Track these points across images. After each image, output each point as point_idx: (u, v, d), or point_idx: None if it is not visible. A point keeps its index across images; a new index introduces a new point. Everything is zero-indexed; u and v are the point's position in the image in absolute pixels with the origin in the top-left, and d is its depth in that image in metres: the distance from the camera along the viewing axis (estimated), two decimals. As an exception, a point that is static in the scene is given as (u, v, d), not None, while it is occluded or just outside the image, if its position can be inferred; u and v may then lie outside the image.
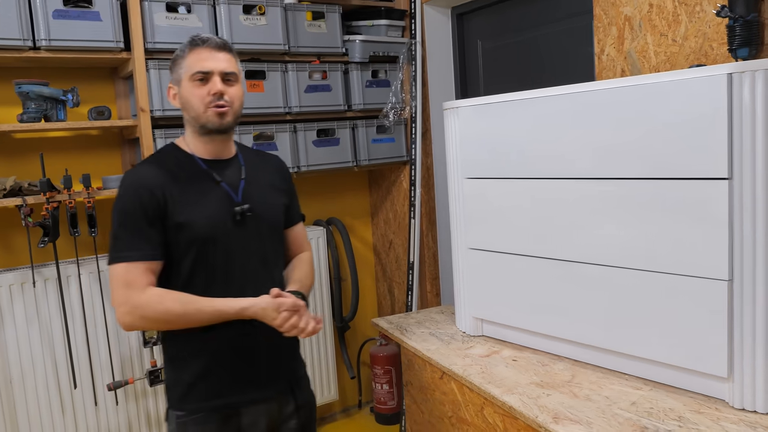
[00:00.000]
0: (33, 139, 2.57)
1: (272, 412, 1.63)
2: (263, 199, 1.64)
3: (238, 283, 1.57)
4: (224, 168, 1.61)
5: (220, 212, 1.55)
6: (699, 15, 1.77)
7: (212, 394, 1.57)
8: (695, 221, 1.30)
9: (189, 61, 1.54)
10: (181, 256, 1.54)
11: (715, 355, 1.30)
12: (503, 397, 1.44)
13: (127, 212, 1.50)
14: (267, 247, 1.63)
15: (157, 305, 1.47)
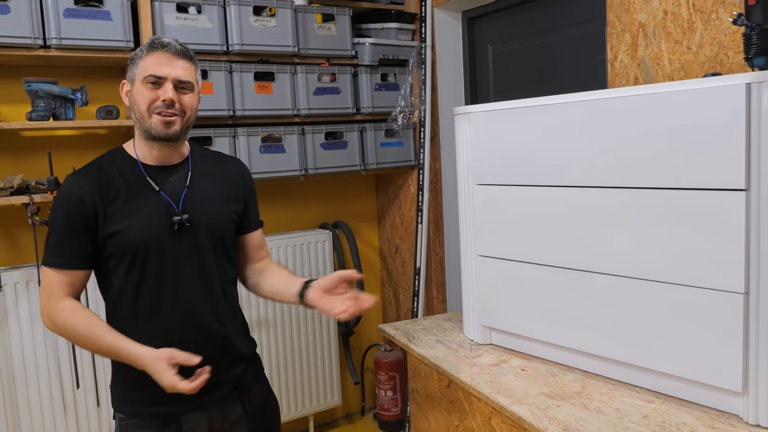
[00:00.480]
0: (41, 138, 2.57)
1: (214, 419, 1.59)
2: (208, 207, 1.58)
3: (173, 296, 1.53)
4: (168, 175, 1.57)
5: (156, 222, 1.51)
6: (714, 23, 1.75)
7: (148, 401, 1.54)
8: (711, 232, 1.28)
9: (145, 62, 1.49)
10: (115, 267, 1.51)
11: (730, 369, 1.28)
12: (512, 407, 1.43)
13: (56, 219, 1.49)
14: (208, 259, 1.57)
15: (66, 319, 1.47)
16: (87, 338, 1.47)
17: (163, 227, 1.51)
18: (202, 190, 1.59)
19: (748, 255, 1.24)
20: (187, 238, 1.54)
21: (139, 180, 1.53)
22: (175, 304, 1.53)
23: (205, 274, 1.57)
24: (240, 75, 2.61)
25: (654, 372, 1.45)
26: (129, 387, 1.55)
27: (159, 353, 1.42)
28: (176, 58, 1.50)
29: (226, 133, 2.61)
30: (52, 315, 1.49)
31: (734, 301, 1.26)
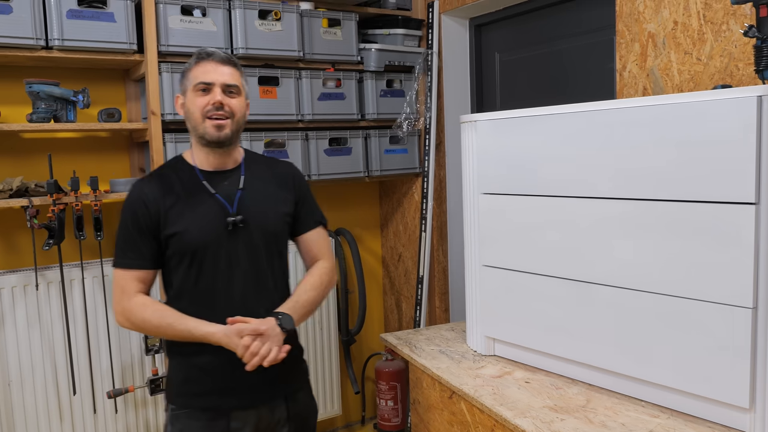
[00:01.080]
0: (41, 140, 2.58)
1: (261, 418, 1.68)
2: (261, 209, 1.69)
3: (229, 294, 1.65)
4: (223, 179, 1.69)
5: (211, 223, 1.63)
6: (725, 34, 1.76)
7: (201, 394, 1.65)
8: (719, 246, 1.29)
9: (194, 72, 1.64)
10: (175, 266, 1.65)
11: (737, 385, 1.28)
12: (515, 420, 1.43)
13: (125, 223, 1.64)
14: (262, 258, 1.68)
15: (139, 313, 1.60)
16: (160, 327, 1.60)
17: (218, 228, 1.63)
18: (255, 193, 1.70)
19: (757, 269, 1.24)
20: (241, 237, 1.65)
21: (195, 184, 1.67)
22: (231, 301, 1.64)
23: (258, 273, 1.68)
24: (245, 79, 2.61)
25: (660, 386, 1.45)
26: (183, 379, 1.67)
27: (230, 328, 1.55)
28: (221, 65, 1.65)
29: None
30: (126, 312, 1.62)
31: (742, 316, 1.26)
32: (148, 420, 2.66)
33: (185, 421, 1.66)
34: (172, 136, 2.49)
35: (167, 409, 1.71)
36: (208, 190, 1.66)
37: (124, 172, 2.76)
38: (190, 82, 1.65)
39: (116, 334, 2.57)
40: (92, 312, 2.51)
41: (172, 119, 2.48)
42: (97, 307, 2.53)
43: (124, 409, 2.61)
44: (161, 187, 1.65)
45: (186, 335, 1.58)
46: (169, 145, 2.48)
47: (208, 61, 1.65)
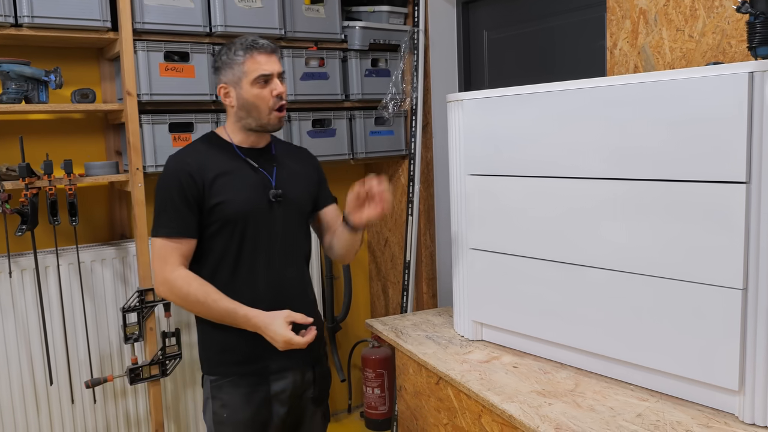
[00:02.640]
0: (12, 122, 2.55)
1: (296, 381, 1.84)
2: (293, 185, 1.86)
3: (268, 264, 1.79)
4: (259, 156, 1.83)
5: (257, 195, 1.78)
6: (718, 10, 1.76)
7: (241, 361, 1.78)
8: (709, 226, 1.30)
9: (249, 65, 1.74)
10: (216, 234, 1.76)
11: (726, 367, 1.30)
12: (503, 405, 1.44)
13: (168, 194, 1.73)
14: (295, 229, 1.86)
15: (183, 286, 1.70)
16: (203, 303, 1.70)
17: (262, 200, 1.78)
18: (289, 171, 1.87)
19: (747, 250, 1.25)
20: (281, 211, 1.81)
21: (236, 158, 1.80)
22: (271, 271, 1.79)
23: (295, 244, 1.86)
24: (223, 58, 2.59)
25: (648, 369, 1.46)
26: (220, 350, 1.79)
27: (277, 313, 1.69)
28: (272, 54, 1.77)
29: (208, 119, 2.60)
30: (169, 282, 1.71)
31: (732, 297, 1.27)
32: (128, 410, 2.66)
33: (229, 390, 1.78)
34: (148, 117, 2.46)
35: (205, 382, 1.83)
36: (251, 164, 1.80)
37: (100, 155, 2.73)
38: (245, 74, 1.74)
39: (93, 322, 2.55)
40: (68, 300, 2.49)
41: (149, 100, 2.45)
42: (74, 294, 2.51)
43: (103, 399, 2.60)
44: (203, 159, 1.76)
45: (229, 314, 1.70)
46: (146, 126, 2.46)
47: (260, 53, 1.75)
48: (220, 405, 1.79)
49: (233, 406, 1.78)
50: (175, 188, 1.73)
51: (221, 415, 1.79)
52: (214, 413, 1.80)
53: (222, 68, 1.79)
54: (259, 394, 1.79)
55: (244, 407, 1.78)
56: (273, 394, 1.80)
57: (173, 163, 1.78)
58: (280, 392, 1.81)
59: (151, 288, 2.50)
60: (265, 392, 1.79)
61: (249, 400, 1.78)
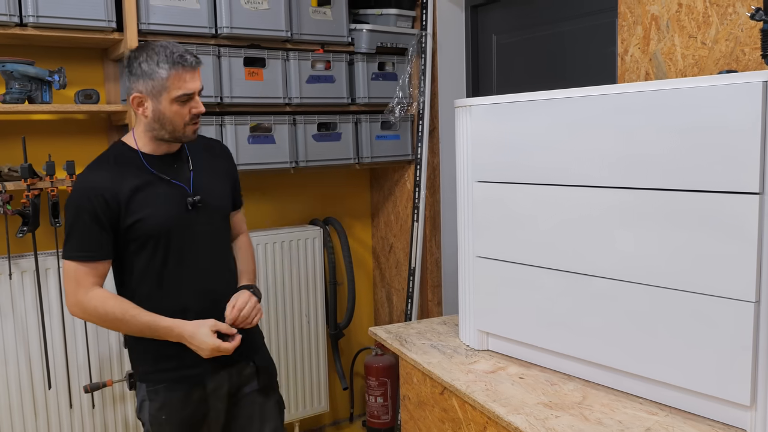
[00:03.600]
0: (15, 122, 2.56)
1: (233, 377, 1.90)
2: (211, 187, 1.87)
3: (194, 272, 1.82)
4: (173, 162, 1.83)
5: (173, 206, 1.78)
6: (731, 17, 1.76)
7: (176, 368, 1.82)
8: (721, 237, 1.29)
9: (172, 82, 1.71)
10: (136, 252, 1.77)
11: (738, 382, 1.29)
12: (508, 416, 1.43)
13: (79, 216, 1.71)
14: (219, 233, 1.90)
15: (99, 306, 1.72)
16: (121, 320, 1.73)
17: (180, 210, 1.79)
18: (204, 172, 1.87)
19: (760, 262, 1.24)
20: (201, 217, 1.83)
21: (148, 171, 1.78)
22: (197, 279, 1.83)
23: (219, 249, 1.90)
24: (229, 60, 2.60)
25: (658, 383, 1.45)
26: (154, 359, 1.83)
27: (201, 322, 1.75)
28: (194, 70, 1.75)
29: (212, 122, 2.60)
30: (83, 304, 1.73)
31: (744, 310, 1.26)
32: (127, 415, 2.66)
33: (165, 394, 1.82)
34: (152, 119, 2.47)
35: (139, 387, 1.86)
36: (163, 177, 1.79)
37: (103, 157, 2.74)
38: (166, 89, 1.71)
39: (94, 326, 2.56)
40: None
41: (153, 101, 2.45)
42: (74, 297, 2.51)
43: (102, 403, 2.60)
44: (115, 177, 1.74)
45: (150, 328, 1.74)
46: (150, 128, 2.46)
47: (186, 70, 1.72)
48: (157, 408, 1.82)
49: (171, 407, 1.83)
50: (87, 210, 1.70)
51: (159, 417, 1.83)
52: (152, 415, 1.83)
53: (140, 77, 1.73)
54: (195, 394, 1.84)
55: (182, 408, 1.83)
56: (209, 392, 1.86)
57: (84, 183, 1.75)
58: (216, 389, 1.87)
59: (152, 292, 2.50)
60: (200, 392, 1.85)
61: (186, 401, 1.84)
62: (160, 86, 1.71)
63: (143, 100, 1.74)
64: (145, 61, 1.71)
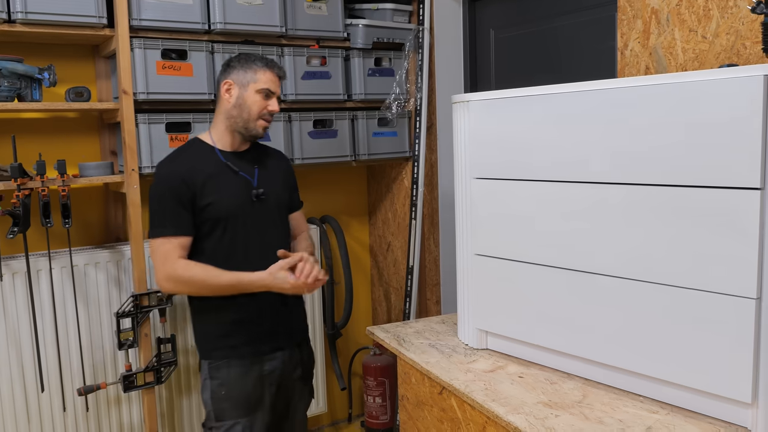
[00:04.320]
0: (5, 120, 2.56)
1: (285, 361, 2.15)
2: (273, 184, 2.15)
3: (256, 251, 2.06)
4: (241, 158, 2.12)
5: (241, 195, 2.06)
6: (732, 11, 1.77)
7: (236, 346, 2.06)
8: (722, 233, 1.30)
9: (262, 76, 2.06)
10: (209, 232, 2.03)
11: (739, 379, 1.30)
12: (508, 416, 1.44)
13: (163, 197, 2.00)
14: (277, 223, 2.16)
15: (185, 273, 1.96)
16: (207, 281, 1.97)
17: (245, 199, 2.07)
18: (268, 172, 2.16)
19: (761, 258, 1.25)
20: (263, 207, 2.10)
21: (220, 163, 2.07)
22: (256, 259, 2.03)
23: (278, 237, 2.15)
24: (222, 56, 2.60)
25: (659, 381, 1.46)
26: (216, 337, 2.08)
27: (272, 269, 1.99)
28: (280, 79, 2.12)
29: (206, 119, 2.60)
30: (171, 274, 1.97)
31: (745, 307, 1.27)
32: (122, 418, 2.66)
33: (226, 371, 2.06)
34: (145, 116, 2.47)
35: (202, 366, 2.10)
36: (232, 168, 2.08)
37: (94, 156, 2.74)
38: (255, 82, 2.05)
39: (87, 327, 2.56)
40: (60, 304, 2.50)
41: (146, 99, 2.46)
42: (66, 299, 2.51)
43: (96, 406, 2.61)
44: (191, 164, 2.03)
45: (233, 284, 1.98)
46: (142, 126, 2.47)
47: (274, 73, 2.09)
48: (218, 384, 2.05)
49: (231, 383, 2.05)
50: (169, 191, 1.99)
51: (220, 393, 2.05)
52: (213, 392, 2.06)
53: (235, 68, 2.07)
54: (253, 373, 2.07)
55: (241, 385, 2.06)
56: (265, 374, 2.10)
57: (164, 169, 2.05)
58: (271, 372, 2.11)
59: (146, 293, 2.51)
60: (258, 371, 2.08)
61: (244, 379, 2.06)
62: (251, 78, 2.04)
63: (231, 87, 2.06)
64: (243, 59, 2.08)
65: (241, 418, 2.06)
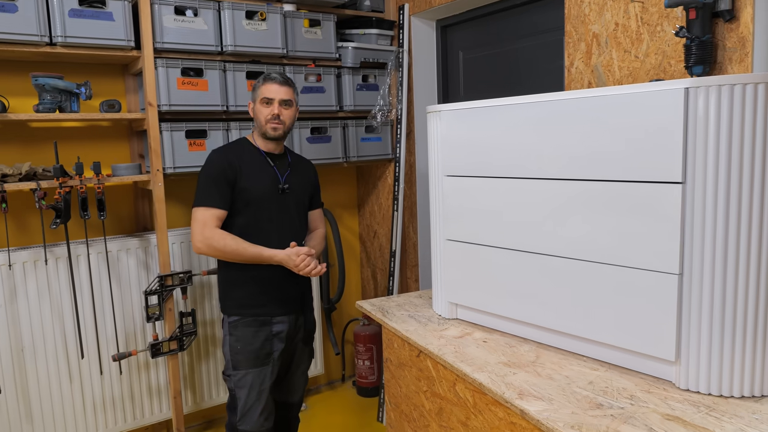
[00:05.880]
0: (48, 129, 2.52)
1: (290, 324, 2.16)
2: (298, 185, 2.19)
3: (277, 233, 2.10)
4: (275, 159, 2.16)
5: (271, 185, 2.11)
6: (659, 34, 1.77)
7: (253, 306, 2.09)
8: (651, 220, 1.30)
9: (262, 90, 2.09)
10: (241, 211, 2.06)
11: (665, 341, 1.31)
12: (474, 374, 1.44)
13: (213, 175, 2.03)
14: (296, 215, 2.19)
15: (220, 240, 2.00)
16: (236, 250, 2.00)
17: (273, 189, 2.12)
18: (296, 174, 2.20)
19: (683, 240, 1.26)
20: (286, 200, 2.14)
21: (259, 158, 2.12)
22: (278, 238, 2.09)
23: (295, 224, 2.18)
24: (233, 74, 2.58)
25: (599, 343, 1.47)
26: (241, 295, 2.09)
27: (289, 250, 2.04)
28: (280, 85, 2.09)
29: (219, 127, 2.58)
30: (208, 239, 1.99)
31: (670, 281, 1.28)
32: (150, 380, 2.65)
33: (242, 328, 2.08)
34: (167, 125, 2.44)
35: (224, 323, 2.13)
36: (269, 162, 2.13)
37: (125, 158, 2.71)
38: (258, 95, 2.10)
39: (119, 303, 2.54)
40: (97, 284, 2.48)
41: (168, 110, 2.43)
42: (102, 279, 2.49)
43: (128, 370, 2.59)
44: (237, 154, 2.09)
45: (256, 256, 2.01)
46: (165, 133, 2.44)
47: (272, 83, 2.08)
48: (235, 339, 2.08)
49: (245, 339, 2.08)
50: (217, 171, 2.03)
51: (236, 346, 2.08)
52: (231, 345, 2.09)
53: (253, 90, 2.14)
54: (263, 332, 2.10)
55: (253, 341, 2.08)
56: (274, 333, 2.12)
57: (216, 155, 2.09)
58: (279, 332, 2.13)
59: (170, 274, 2.49)
60: (268, 331, 2.10)
61: (256, 336, 2.09)
62: (257, 94, 2.10)
63: (250, 104, 2.16)
64: (256, 81, 2.13)
65: (252, 368, 2.08)
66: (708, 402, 1.24)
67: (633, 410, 1.22)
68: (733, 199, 1.21)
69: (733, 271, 1.23)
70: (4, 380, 2.33)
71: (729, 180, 1.20)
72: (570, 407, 1.25)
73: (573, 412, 1.22)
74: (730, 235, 1.22)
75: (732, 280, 1.23)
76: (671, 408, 1.22)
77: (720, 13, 1.58)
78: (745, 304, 1.23)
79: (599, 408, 1.24)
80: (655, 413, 1.20)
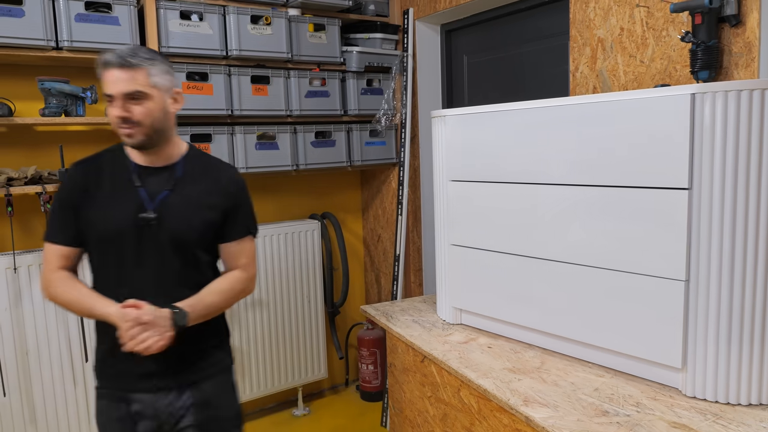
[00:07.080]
0: (53, 132, 2.53)
1: (161, 405, 1.51)
2: (183, 214, 1.48)
3: (131, 283, 1.46)
4: (152, 175, 1.49)
5: (124, 217, 1.44)
6: (665, 39, 1.77)
7: (110, 377, 1.53)
8: (657, 226, 1.30)
9: (103, 82, 1.41)
10: (94, 248, 1.50)
11: (671, 348, 1.30)
12: (478, 380, 1.43)
13: (56, 201, 1.50)
14: (167, 261, 1.47)
15: (56, 287, 1.46)
16: (69, 303, 1.46)
17: (128, 222, 1.44)
18: (184, 196, 1.49)
19: (689, 247, 1.25)
20: (150, 238, 1.45)
21: (125, 176, 1.48)
22: (134, 294, 1.44)
23: (160, 276, 1.47)
24: (238, 78, 2.58)
25: (605, 350, 1.46)
26: (99, 359, 1.55)
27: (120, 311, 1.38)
28: (120, 71, 1.38)
29: (224, 131, 2.58)
30: (46, 284, 1.48)
31: (676, 288, 1.28)
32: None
33: (100, 400, 1.55)
34: (172, 129, 2.44)
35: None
36: (133, 183, 1.47)
37: (130, 162, 2.71)
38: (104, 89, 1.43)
39: (124, 307, 2.54)
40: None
41: (173, 114, 2.43)
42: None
43: (132, 374, 2.58)
44: (91, 172, 1.48)
45: (88, 313, 1.43)
46: (170, 137, 2.44)
47: (108, 70, 1.39)
48: (98, 411, 1.55)
49: (100, 413, 1.55)
50: (64, 195, 1.48)
51: (98, 418, 1.55)
52: (96, 415, 1.56)
53: None
54: (120, 411, 1.51)
55: (108, 417, 1.53)
56: (134, 413, 1.51)
57: (72, 170, 1.51)
58: (138, 412, 1.51)
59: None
60: (125, 410, 1.50)
61: (112, 414, 1.52)
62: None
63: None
64: None
65: None
66: (715, 409, 1.23)
67: (639, 417, 1.21)
68: (740, 205, 1.20)
69: (740, 277, 1.22)
70: (9, 384, 2.33)
71: (736, 186, 1.20)
72: (576, 414, 1.24)
73: (578, 419, 1.22)
74: (737, 242, 1.21)
75: (739, 287, 1.22)
76: (678, 415, 1.21)
77: (726, 18, 1.58)
78: (753, 310, 1.22)
79: (605, 415, 1.23)
80: (662, 421, 1.19)
